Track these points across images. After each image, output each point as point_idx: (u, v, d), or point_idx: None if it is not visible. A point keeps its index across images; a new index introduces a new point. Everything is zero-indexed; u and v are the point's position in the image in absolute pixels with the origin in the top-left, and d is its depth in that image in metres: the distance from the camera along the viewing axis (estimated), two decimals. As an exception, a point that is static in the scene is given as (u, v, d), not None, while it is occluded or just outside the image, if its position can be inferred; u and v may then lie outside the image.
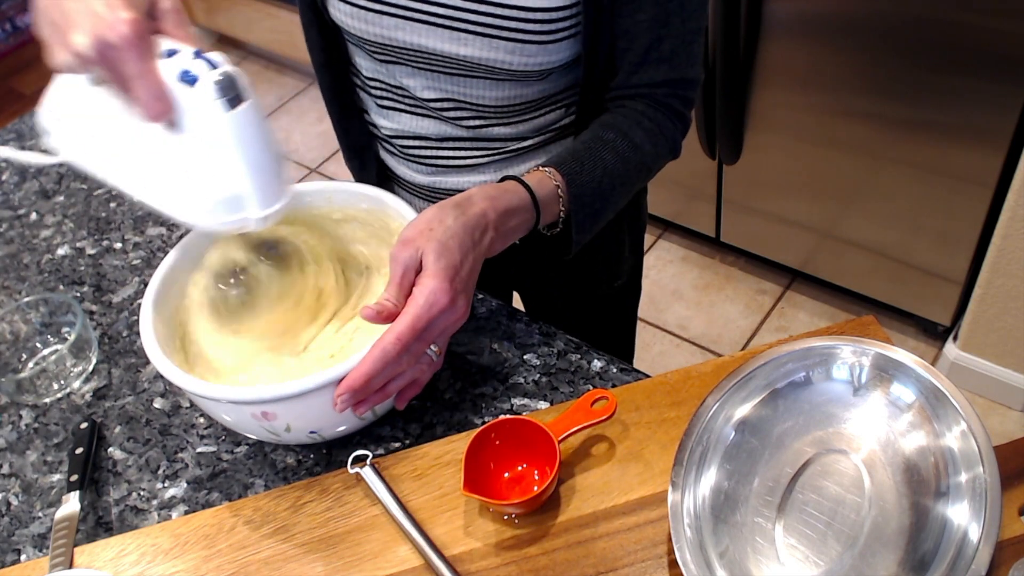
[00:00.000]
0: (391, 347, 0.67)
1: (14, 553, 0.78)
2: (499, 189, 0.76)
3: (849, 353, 0.71)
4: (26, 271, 1.06)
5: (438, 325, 0.70)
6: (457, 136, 0.93)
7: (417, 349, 0.70)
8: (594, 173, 0.81)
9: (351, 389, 0.68)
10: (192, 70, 0.62)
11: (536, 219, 0.78)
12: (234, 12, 2.97)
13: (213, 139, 0.65)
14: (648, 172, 0.88)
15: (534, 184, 0.78)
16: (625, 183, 0.85)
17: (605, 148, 0.83)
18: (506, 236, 0.76)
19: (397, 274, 0.70)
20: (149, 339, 0.74)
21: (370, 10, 0.82)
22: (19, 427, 0.88)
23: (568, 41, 0.80)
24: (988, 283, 1.63)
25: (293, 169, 2.71)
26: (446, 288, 0.69)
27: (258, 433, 0.75)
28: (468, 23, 0.80)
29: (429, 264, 0.69)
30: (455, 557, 0.69)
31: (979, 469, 0.62)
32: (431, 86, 0.88)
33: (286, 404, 0.70)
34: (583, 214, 0.82)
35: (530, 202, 0.77)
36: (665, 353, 2.04)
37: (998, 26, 1.38)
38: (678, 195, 2.11)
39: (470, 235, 0.72)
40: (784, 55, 1.66)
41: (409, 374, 0.72)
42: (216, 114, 0.63)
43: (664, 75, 0.84)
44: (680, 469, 0.67)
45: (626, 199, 0.88)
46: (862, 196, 1.77)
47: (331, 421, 0.74)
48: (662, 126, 0.86)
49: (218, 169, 0.66)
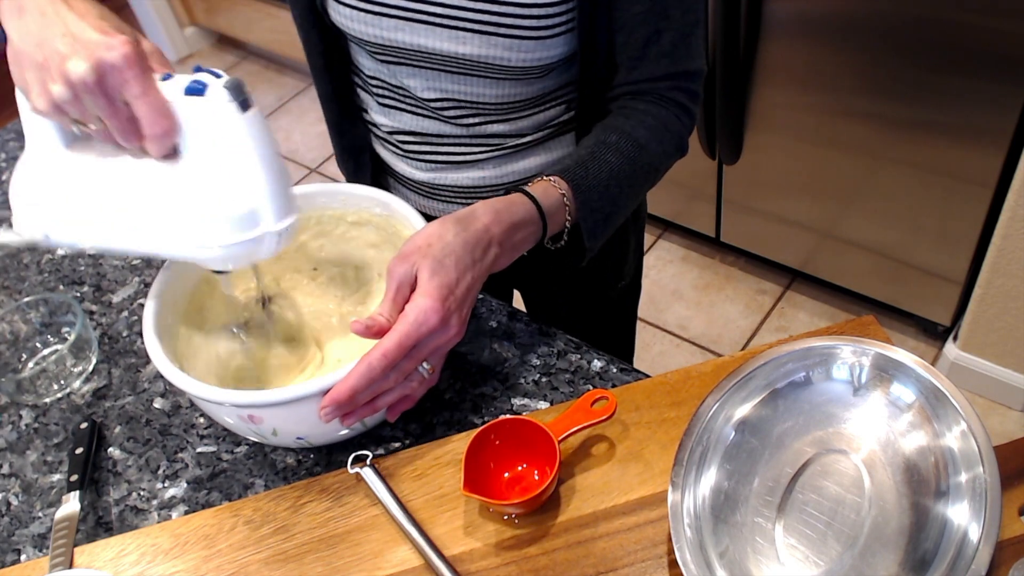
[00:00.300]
0: (376, 363, 0.67)
1: (14, 553, 0.78)
2: (504, 203, 0.75)
3: (849, 353, 0.71)
4: (26, 271, 1.06)
5: (428, 345, 0.69)
6: (456, 134, 0.93)
7: (406, 367, 0.69)
8: (600, 177, 0.80)
9: (335, 402, 0.68)
10: (199, 81, 0.63)
11: (543, 231, 0.77)
12: (234, 12, 2.97)
13: (229, 145, 0.64)
14: (656, 172, 0.87)
15: (539, 195, 0.77)
16: (633, 185, 0.84)
17: (609, 151, 0.82)
18: (512, 250, 0.75)
19: (391, 289, 0.70)
20: (151, 337, 0.74)
21: (370, 12, 0.83)
22: (19, 427, 0.88)
23: (565, 36, 0.80)
24: (988, 283, 1.63)
25: (293, 169, 2.71)
26: (437, 308, 0.68)
27: (249, 434, 0.75)
28: (466, 21, 0.80)
29: (423, 282, 0.69)
30: (455, 557, 0.69)
31: (979, 469, 0.62)
32: (431, 86, 0.88)
33: (271, 410, 0.70)
34: (593, 220, 0.81)
35: (536, 214, 0.76)
36: (665, 353, 2.04)
37: (998, 26, 1.38)
38: (678, 195, 2.11)
39: (470, 253, 0.71)
40: (784, 55, 1.66)
41: (398, 390, 0.71)
42: (232, 117, 0.63)
43: (665, 69, 0.84)
44: (680, 469, 0.67)
45: (636, 201, 0.88)
46: (862, 196, 1.77)
47: (318, 429, 0.74)
48: (667, 123, 0.85)
49: (232, 182, 0.65)
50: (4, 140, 1.30)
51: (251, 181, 0.65)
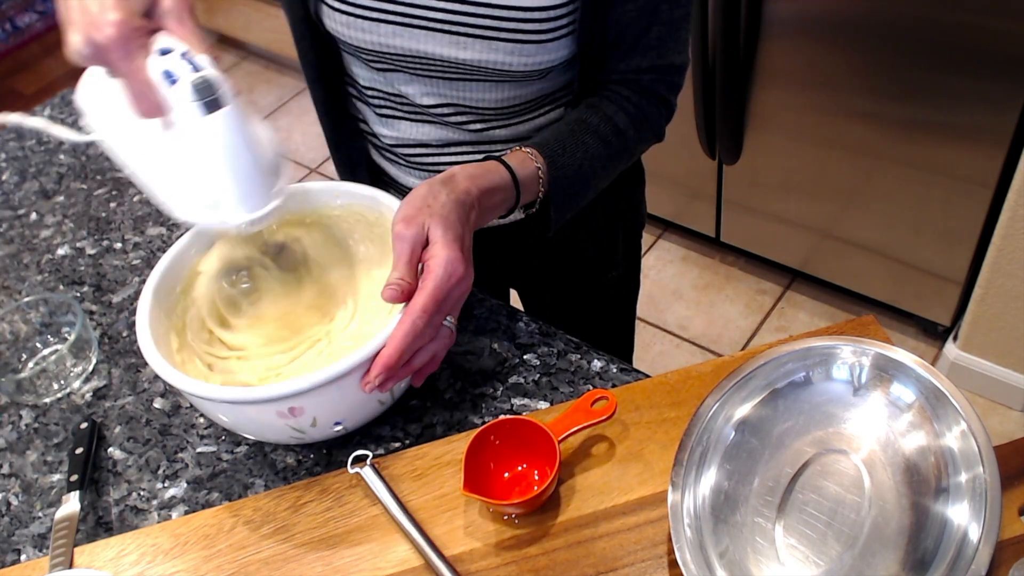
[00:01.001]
0: (420, 319, 0.69)
1: (14, 553, 0.78)
2: (481, 168, 0.77)
3: (849, 353, 0.71)
4: (26, 271, 1.06)
5: (454, 295, 0.71)
6: (459, 140, 0.93)
7: (438, 321, 0.71)
8: (575, 156, 0.83)
9: (387, 366, 0.69)
10: (175, 71, 0.63)
11: (516, 198, 0.80)
12: (234, 12, 2.97)
13: (191, 142, 0.66)
14: (630, 155, 0.91)
15: (516, 165, 0.79)
16: (607, 166, 0.87)
17: (588, 132, 0.84)
18: (488, 211, 0.78)
19: (405, 252, 0.71)
20: (155, 358, 0.73)
21: (367, 18, 0.82)
22: (19, 427, 0.88)
23: (566, 39, 0.81)
24: (988, 283, 1.63)
25: (293, 169, 2.71)
26: (459, 257, 0.70)
27: (281, 435, 0.74)
28: (467, 26, 0.80)
29: (437, 237, 0.70)
30: (455, 557, 0.69)
31: (979, 469, 0.62)
32: (430, 92, 0.88)
33: (314, 395, 0.70)
34: (562, 196, 0.83)
35: (511, 182, 0.78)
36: (665, 353, 2.04)
37: (998, 26, 1.38)
38: (678, 195, 2.11)
39: (464, 209, 0.73)
40: (784, 55, 1.66)
41: (432, 347, 0.73)
42: (192, 117, 0.64)
43: (651, 61, 0.85)
44: (680, 469, 0.67)
45: (607, 181, 0.90)
46: (862, 196, 1.77)
47: (357, 409, 0.74)
48: (646, 112, 0.88)
49: (199, 172, 0.67)
50: (4, 140, 1.30)
51: (215, 177, 0.67)
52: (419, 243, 0.71)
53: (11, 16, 3.44)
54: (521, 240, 1.02)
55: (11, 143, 1.29)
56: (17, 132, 1.30)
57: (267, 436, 0.75)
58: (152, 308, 0.77)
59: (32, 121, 0.82)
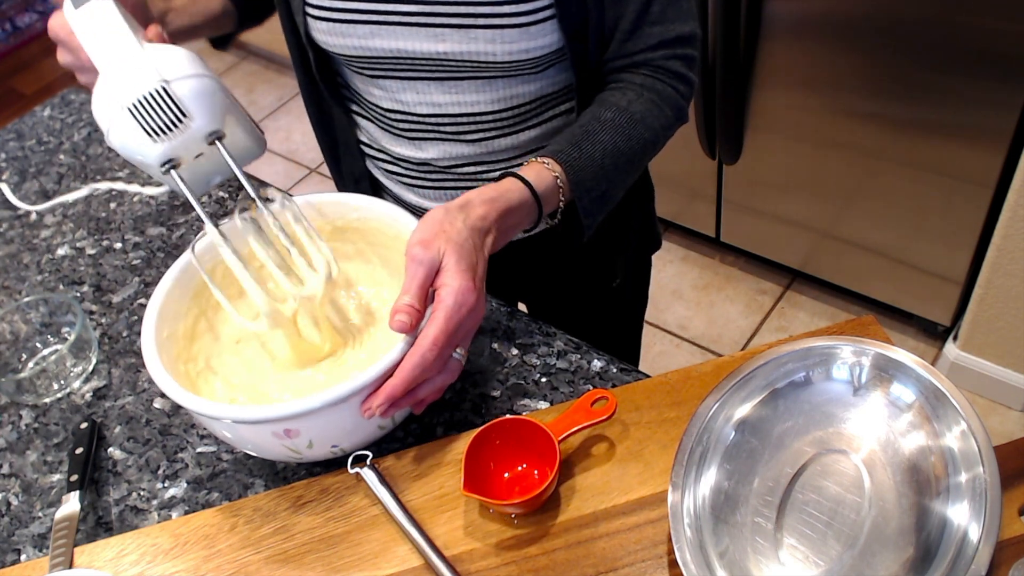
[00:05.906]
0: (429, 353, 0.67)
1: (14, 553, 0.78)
2: (498, 190, 0.76)
3: (849, 353, 0.71)
4: (26, 271, 1.06)
5: (465, 326, 0.70)
6: (465, 153, 0.92)
7: (447, 353, 0.70)
8: (594, 156, 0.81)
9: (392, 397, 0.68)
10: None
11: (538, 213, 0.78)
12: (234, 12, 2.96)
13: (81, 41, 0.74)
14: (655, 144, 0.87)
15: (533, 178, 0.78)
16: (632, 160, 0.84)
17: (603, 128, 0.82)
18: (509, 230, 0.76)
19: (419, 275, 0.69)
20: (163, 377, 0.72)
21: (343, 21, 0.82)
22: (19, 427, 0.88)
23: (549, 24, 0.79)
24: (988, 283, 1.63)
25: (293, 169, 2.71)
26: (471, 287, 0.69)
27: (278, 453, 0.73)
28: (441, 16, 0.79)
29: (451, 265, 0.69)
30: (455, 557, 0.69)
31: (979, 469, 0.62)
32: (423, 100, 0.87)
33: (310, 418, 0.68)
34: (588, 199, 0.81)
35: (530, 197, 0.77)
36: (665, 353, 2.04)
37: (998, 26, 1.38)
38: (678, 195, 2.11)
39: (479, 237, 0.72)
40: (784, 55, 1.66)
41: (438, 379, 0.71)
42: (69, 14, 0.73)
43: (659, 37, 0.83)
44: (680, 469, 0.67)
45: (635, 175, 0.88)
46: (862, 196, 1.77)
47: (354, 433, 0.73)
48: (663, 94, 0.85)
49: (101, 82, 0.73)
50: (4, 140, 1.30)
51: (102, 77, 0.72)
52: (434, 268, 0.69)
53: (11, 16, 3.44)
54: (536, 254, 1.01)
55: (11, 143, 1.29)
56: (17, 132, 1.30)
57: (265, 453, 0.74)
58: (167, 300, 0.77)
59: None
